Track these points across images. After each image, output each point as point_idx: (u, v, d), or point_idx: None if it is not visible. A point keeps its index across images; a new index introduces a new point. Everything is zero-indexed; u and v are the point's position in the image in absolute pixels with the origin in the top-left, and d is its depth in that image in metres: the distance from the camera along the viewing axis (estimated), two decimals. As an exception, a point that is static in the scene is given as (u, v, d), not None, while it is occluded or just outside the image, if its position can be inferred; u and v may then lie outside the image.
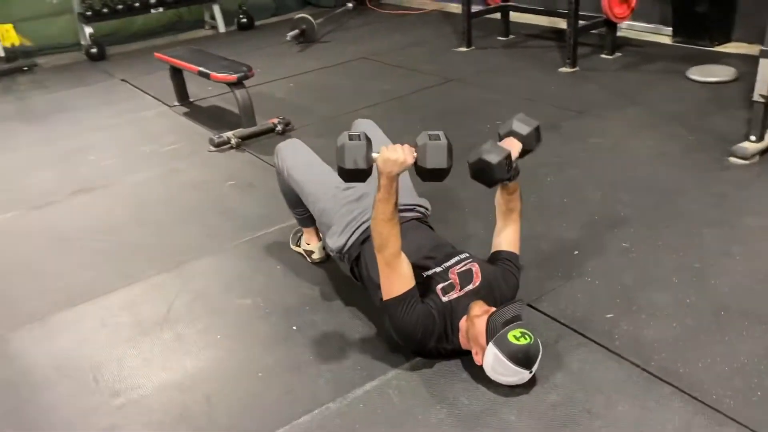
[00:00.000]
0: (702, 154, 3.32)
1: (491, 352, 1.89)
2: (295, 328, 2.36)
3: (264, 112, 4.26)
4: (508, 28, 5.73)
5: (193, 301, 2.58)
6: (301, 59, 5.81)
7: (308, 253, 2.73)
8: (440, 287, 2.07)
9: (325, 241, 2.41)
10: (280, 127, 4.10)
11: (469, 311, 2.01)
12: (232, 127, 4.14)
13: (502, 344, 1.87)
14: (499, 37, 5.72)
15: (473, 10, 5.44)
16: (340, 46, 6.08)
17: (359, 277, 2.30)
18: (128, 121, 4.71)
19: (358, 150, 1.90)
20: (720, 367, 1.99)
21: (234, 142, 3.98)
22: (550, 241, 2.72)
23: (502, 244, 2.27)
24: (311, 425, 1.93)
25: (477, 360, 1.98)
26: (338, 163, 1.93)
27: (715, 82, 4.22)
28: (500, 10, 5.68)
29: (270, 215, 3.10)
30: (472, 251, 2.25)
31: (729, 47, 4.85)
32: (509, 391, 1.95)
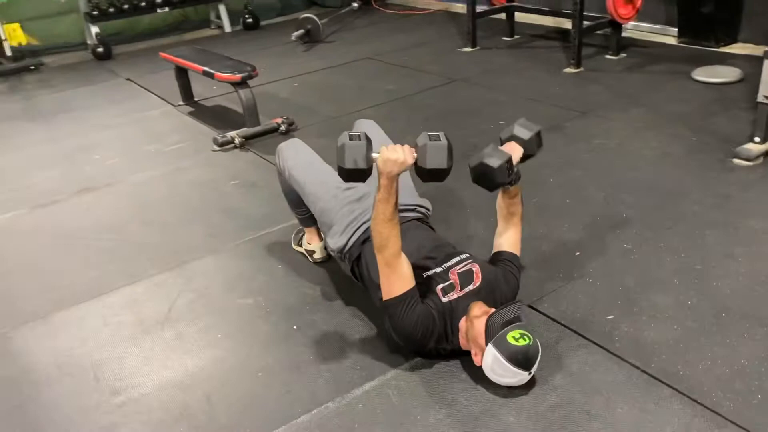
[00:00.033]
0: (705, 156, 3.31)
1: (490, 353, 1.89)
2: (295, 327, 2.36)
3: (268, 112, 4.28)
4: (513, 29, 5.71)
5: (195, 300, 2.59)
6: (306, 59, 5.82)
7: (310, 253, 2.74)
8: (440, 288, 2.07)
9: (326, 241, 2.42)
10: (284, 127, 4.11)
11: (469, 312, 2.01)
12: (236, 126, 4.14)
13: (501, 345, 1.87)
14: (503, 38, 5.71)
15: (478, 11, 5.44)
16: (344, 46, 6.08)
17: (359, 277, 2.30)
18: (133, 120, 4.73)
19: (358, 150, 1.91)
20: (720, 369, 1.98)
21: (238, 141, 3.98)
22: (552, 241, 2.72)
23: (503, 246, 2.28)
24: (310, 425, 1.93)
25: (476, 361, 1.98)
26: (338, 163, 1.94)
27: (720, 83, 4.20)
28: (505, 11, 5.67)
29: (272, 215, 3.11)
30: (473, 252, 2.25)
31: (735, 48, 4.83)
32: (508, 392, 1.95)
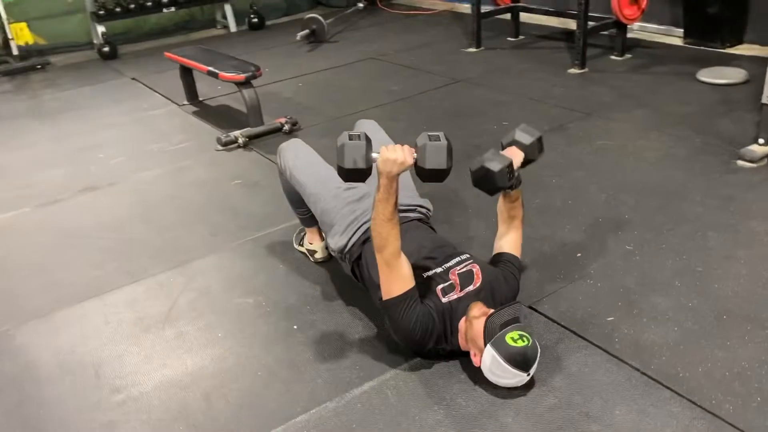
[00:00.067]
0: (709, 157, 3.29)
1: (489, 353, 1.88)
2: (295, 327, 2.37)
3: (272, 112, 4.29)
4: (518, 29, 5.71)
5: (196, 299, 2.60)
6: (311, 59, 5.83)
7: (311, 253, 2.74)
8: (440, 288, 2.07)
9: (327, 241, 2.42)
10: (287, 127, 4.11)
11: (468, 312, 2.01)
12: (240, 126, 4.15)
13: (500, 346, 1.87)
14: (508, 38, 5.70)
15: (483, 11, 5.43)
16: (349, 46, 6.08)
17: (360, 277, 2.30)
18: (138, 119, 4.75)
19: (357, 150, 1.91)
20: (720, 371, 1.98)
21: (241, 141, 3.99)
22: (553, 242, 2.71)
23: (504, 247, 2.29)
24: (308, 424, 1.93)
25: (475, 361, 1.98)
26: (338, 163, 1.94)
27: (725, 84, 4.18)
28: (510, 11, 5.66)
29: (275, 214, 3.11)
30: (475, 252, 2.25)
31: (741, 49, 4.81)
32: (507, 393, 1.95)
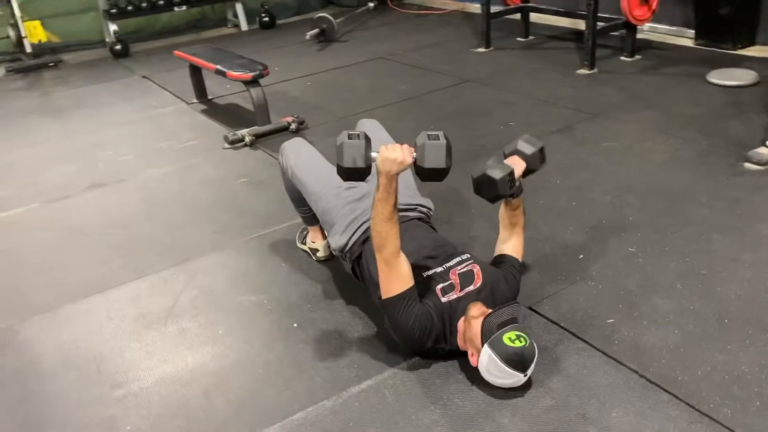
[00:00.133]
0: (716, 159, 3.27)
1: (486, 353, 1.88)
2: (296, 325, 2.38)
3: (280, 110, 4.30)
4: (528, 29, 5.69)
5: (199, 296, 2.61)
6: (320, 58, 5.84)
7: (313, 251, 2.75)
8: (440, 288, 2.07)
9: (328, 240, 2.43)
10: (294, 126, 4.13)
11: (467, 312, 2.01)
12: (248, 124, 4.17)
13: (497, 346, 1.87)
14: (518, 38, 5.69)
15: (493, 11, 5.42)
16: (358, 46, 6.09)
17: (360, 276, 2.31)
18: (147, 117, 4.78)
19: (356, 149, 1.92)
20: (720, 375, 1.96)
21: (248, 140, 4.01)
22: (555, 244, 2.70)
23: (506, 250, 2.29)
24: (305, 422, 1.94)
25: (472, 361, 1.98)
26: (337, 162, 1.95)
27: (735, 86, 4.15)
28: (520, 11, 5.65)
29: (279, 213, 3.12)
30: (477, 253, 2.26)
31: (752, 50, 4.77)
32: (504, 393, 1.95)
